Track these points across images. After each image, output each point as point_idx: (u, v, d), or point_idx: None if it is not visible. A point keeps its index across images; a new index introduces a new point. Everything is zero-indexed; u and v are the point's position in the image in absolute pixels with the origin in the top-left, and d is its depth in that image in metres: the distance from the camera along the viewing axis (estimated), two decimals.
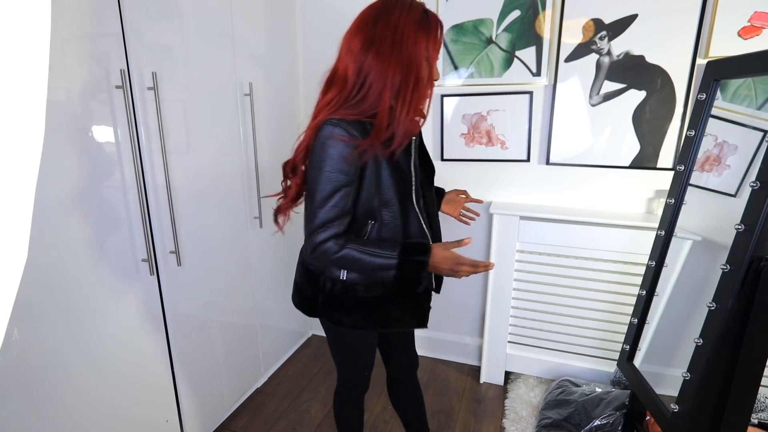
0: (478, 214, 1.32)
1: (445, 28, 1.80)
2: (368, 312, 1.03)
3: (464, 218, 1.31)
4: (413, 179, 1.02)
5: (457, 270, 0.96)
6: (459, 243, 0.96)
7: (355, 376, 1.20)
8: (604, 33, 1.64)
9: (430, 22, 0.91)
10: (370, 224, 0.97)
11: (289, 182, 1.02)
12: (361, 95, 0.90)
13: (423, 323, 1.09)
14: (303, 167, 0.98)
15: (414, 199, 1.02)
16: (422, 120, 1.01)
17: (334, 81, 0.95)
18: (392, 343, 1.26)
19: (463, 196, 1.30)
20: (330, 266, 1.01)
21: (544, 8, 1.68)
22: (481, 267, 0.95)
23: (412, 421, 1.37)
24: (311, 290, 1.08)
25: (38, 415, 1.04)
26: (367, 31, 0.90)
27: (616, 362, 1.73)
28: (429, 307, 1.10)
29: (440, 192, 1.28)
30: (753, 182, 0.93)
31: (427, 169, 1.13)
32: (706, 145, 1.24)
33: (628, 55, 1.63)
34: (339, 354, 1.18)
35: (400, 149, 0.95)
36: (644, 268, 1.36)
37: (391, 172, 0.96)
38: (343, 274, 1.01)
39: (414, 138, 1.02)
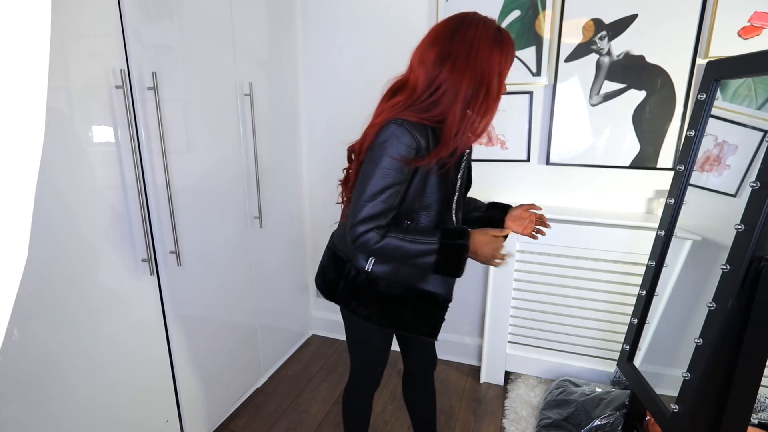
0: (549, 226, 1.22)
1: None
2: (383, 308, 1.04)
3: (537, 234, 1.22)
4: (456, 190, 1.04)
5: (495, 255, 0.99)
6: (501, 231, 1.00)
7: (365, 371, 1.21)
8: (604, 33, 1.64)
9: (503, 39, 0.93)
10: (406, 224, 1.00)
11: (350, 168, 1.05)
12: (430, 101, 0.93)
13: (434, 333, 1.09)
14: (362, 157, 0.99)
15: (453, 209, 1.04)
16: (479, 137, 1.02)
17: (403, 88, 0.98)
18: (411, 338, 1.26)
19: (533, 211, 1.20)
20: (370, 256, 1.02)
21: (544, 8, 1.68)
22: (508, 255, 1.01)
23: (421, 422, 1.37)
24: (334, 275, 1.10)
25: (37, 417, 1.04)
26: (442, 45, 0.92)
27: (616, 362, 1.73)
28: (443, 318, 1.10)
29: (504, 208, 1.22)
30: (753, 182, 0.93)
31: (466, 182, 1.13)
32: (706, 145, 1.24)
33: (628, 55, 1.63)
34: (352, 344, 1.19)
35: (453, 161, 0.98)
36: (644, 268, 1.36)
37: (438, 179, 0.98)
38: (369, 265, 1.02)
39: (467, 151, 1.04)
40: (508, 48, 0.94)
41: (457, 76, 0.90)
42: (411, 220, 0.99)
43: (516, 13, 1.72)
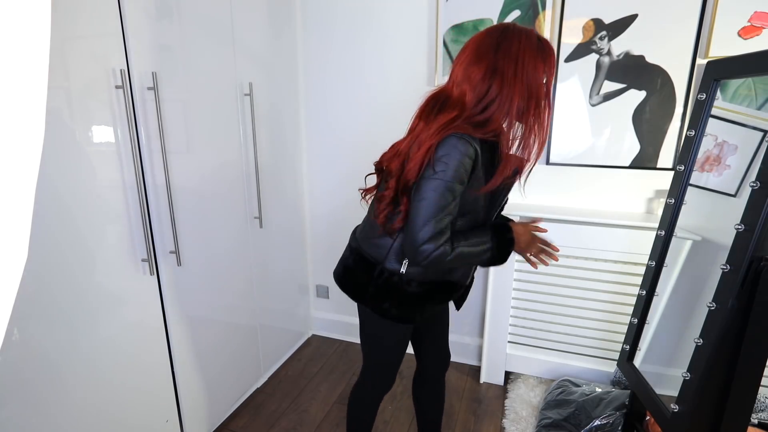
0: (556, 258, 1.11)
1: (445, 28, 1.81)
2: (413, 305, 1.07)
3: (537, 264, 1.14)
4: (500, 203, 1.07)
5: (531, 245, 1.06)
6: (535, 223, 1.08)
7: (383, 372, 1.21)
8: (604, 33, 1.64)
9: (545, 48, 0.94)
10: None
11: (387, 185, 1.02)
12: (483, 117, 0.93)
13: (458, 306, 1.19)
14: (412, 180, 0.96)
15: (492, 218, 1.08)
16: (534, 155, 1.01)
17: (447, 105, 0.97)
18: (426, 338, 1.27)
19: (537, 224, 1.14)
20: (443, 266, 1.02)
21: (544, 8, 1.68)
22: (551, 247, 1.07)
23: (427, 421, 1.38)
24: (363, 278, 1.09)
25: (37, 417, 1.04)
26: (488, 60, 0.92)
27: (616, 362, 1.73)
28: (458, 295, 1.15)
29: (507, 220, 1.20)
30: (753, 182, 0.93)
31: None
32: (706, 145, 1.24)
33: (628, 55, 1.63)
34: (372, 346, 1.19)
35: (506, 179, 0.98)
36: (644, 268, 1.36)
37: (492, 192, 1.00)
38: (403, 268, 1.03)
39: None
40: (550, 57, 0.95)
41: (507, 91, 0.91)
42: None
43: (516, 13, 1.72)
